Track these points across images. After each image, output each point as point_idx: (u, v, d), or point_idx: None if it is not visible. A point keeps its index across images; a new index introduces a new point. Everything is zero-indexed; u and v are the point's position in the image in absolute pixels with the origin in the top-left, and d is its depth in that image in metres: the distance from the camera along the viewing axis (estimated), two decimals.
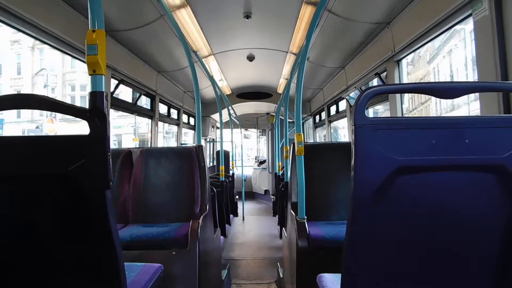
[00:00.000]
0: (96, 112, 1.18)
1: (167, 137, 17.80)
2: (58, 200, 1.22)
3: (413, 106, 18.39)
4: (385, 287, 1.21)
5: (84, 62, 1.33)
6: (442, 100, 1.12)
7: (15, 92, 1.22)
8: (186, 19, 3.78)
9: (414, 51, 3.30)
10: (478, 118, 1.09)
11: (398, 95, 3.58)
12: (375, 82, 4.54)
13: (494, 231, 1.13)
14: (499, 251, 1.15)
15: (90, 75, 1.25)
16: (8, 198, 1.22)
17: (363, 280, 1.18)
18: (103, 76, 1.26)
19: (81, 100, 27.92)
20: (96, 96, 1.22)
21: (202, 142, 3.68)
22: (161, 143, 15.35)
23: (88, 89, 1.26)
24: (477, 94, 2.29)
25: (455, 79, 15.39)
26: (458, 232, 1.15)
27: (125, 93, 5.55)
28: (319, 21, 3.29)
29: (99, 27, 1.27)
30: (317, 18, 2.63)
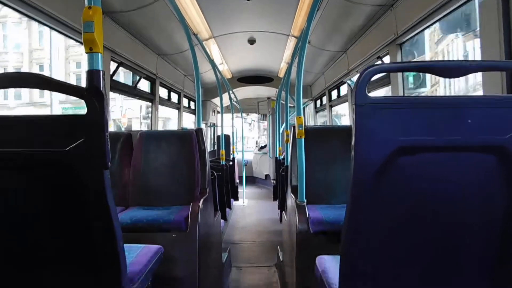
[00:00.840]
0: (93, 91, 1.16)
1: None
2: (56, 180, 1.22)
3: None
4: (383, 268, 1.21)
5: (81, 43, 1.32)
6: (452, 83, 1.10)
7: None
8: (186, 1, 3.73)
9: (417, 34, 3.25)
10: (481, 98, 1.08)
11: (400, 77, 3.55)
12: None
13: (495, 212, 1.13)
14: (500, 232, 1.14)
15: (86, 53, 1.22)
16: (4, 178, 1.22)
17: (362, 261, 1.19)
18: (100, 54, 1.23)
19: None
20: (93, 75, 1.20)
21: (203, 126, 3.67)
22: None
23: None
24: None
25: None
26: (459, 213, 1.14)
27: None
28: (320, 3, 3.24)
29: (96, 4, 1.24)
30: (318, 0, 2.58)
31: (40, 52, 25.89)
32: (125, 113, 24.85)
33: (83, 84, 1.18)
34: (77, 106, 22.66)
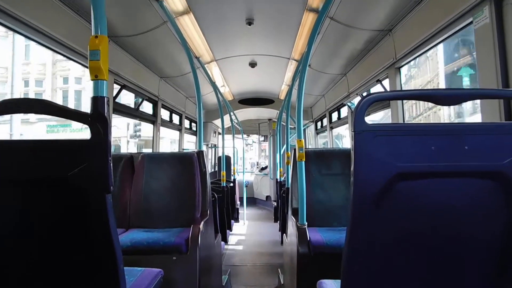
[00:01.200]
0: (97, 117, 1.19)
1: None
2: (59, 204, 1.23)
3: (419, 112, 18.23)
4: None
5: (86, 67, 1.35)
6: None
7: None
8: (189, 25, 3.81)
9: (415, 58, 3.31)
10: (478, 125, 1.10)
11: (399, 102, 3.59)
12: (377, 88, 4.55)
13: (493, 237, 1.13)
14: (498, 256, 1.15)
15: (92, 80, 1.26)
16: (9, 202, 1.23)
17: (363, 286, 1.18)
18: (105, 81, 1.27)
19: (36, 96, 23.51)
20: (97, 101, 1.23)
21: (204, 148, 3.69)
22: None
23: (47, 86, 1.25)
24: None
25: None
26: (459, 238, 1.15)
27: (125, 99, 5.54)
28: (320, 28, 3.31)
29: (102, 33, 1.28)
30: (318, 25, 2.64)
31: (25, 67, 24.44)
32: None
33: (70, 101, 1.21)
34: (63, 124, 22.36)
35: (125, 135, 23.87)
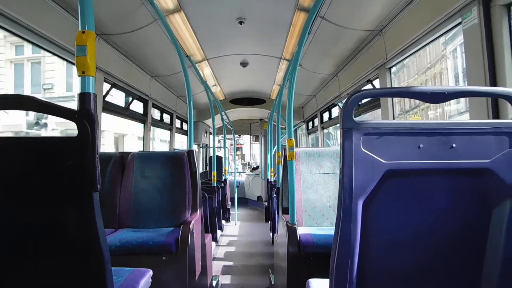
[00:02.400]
0: (84, 114, 1.17)
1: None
2: (45, 202, 1.21)
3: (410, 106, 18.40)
4: None
5: (73, 64, 1.33)
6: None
7: None
8: (179, 23, 3.79)
9: (405, 58, 3.34)
10: (465, 123, 1.10)
11: (389, 101, 3.61)
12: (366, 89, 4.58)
13: (482, 234, 1.14)
14: (486, 253, 1.15)
15: (79, 76, 1.24)
16: None
17: (351, 285, 1.18)
18: (92, 77, 1.25)
19: None
20: (84, 98, 1.21)
21: (195, 148, 3.67)
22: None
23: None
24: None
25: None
26: (447, 235, 1.15)
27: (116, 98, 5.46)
28: (311, 27, 3.32)
29: (89, 28, 1.26)
30: (309, 24, 2.64)
31: None
32: None
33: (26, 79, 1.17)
34: None
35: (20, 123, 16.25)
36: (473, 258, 1.17)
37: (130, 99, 4.85)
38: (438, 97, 1.09)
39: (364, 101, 4.30)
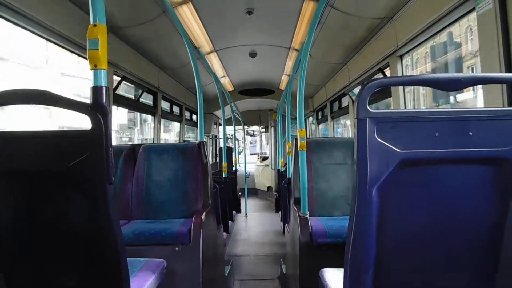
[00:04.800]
0: (97, 107, 1.18)
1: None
2: (60, 195, 1.23)
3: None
4: (388, 281, 1.21)
5: (85, 58, 1.34)
6: None
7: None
8: (188, 15, 3.77)
9: (417, 46, 3.29)
10: (482, 111, 1.08)
11: (401, 90, 3.57)
12: (377, 77, 4.53)
13: (498, 224, 1.13)
14: (502, 243, 1.14)
15: (91, 69, 1.25)
16: (10, 193, 1.23)
17: (366, 274, 1.18)
18: (104, 70, 1.26)
19: None
20: (97, 91, 1.22)
21: (205, 139, 3.69)
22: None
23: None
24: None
25: None
26: (463, 225, 1.14)
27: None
28: (321, 16, 3.28)
29: (100, 22, 1.27)
30: (319, 13, 2.62)
31: None
32: None
33: None
34: None
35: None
36: (490, 249, 1.16)
37: (140, 91, 4.87)
38: (454, 84, 1.07)
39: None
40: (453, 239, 1.16)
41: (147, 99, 5.24)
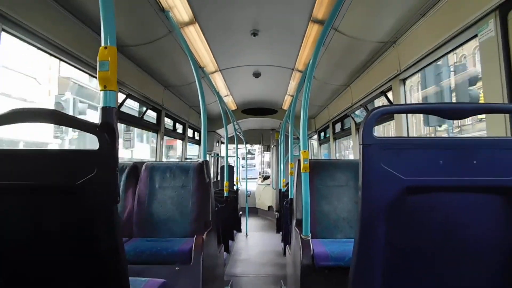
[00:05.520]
0: (106, 127, 1.19)
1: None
2: (66, 213, 1.23)
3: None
4: None
5: (94, 77, 1.37)
6: None
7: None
8: (194, 35, 3.83)
9: (419, 70, 3.32)
10: (485, 140, 1.09)
11: (403, 115, 3.59)
12: (380, 100, 4.56)
13: (503, 251, 1.12)
14: (507, 271, 1.13)
15: (101, 90, 1.27)
16: (17, 210, 1.23)
17: None
18: (114, 92, 1.27)
19: None
20: (106, 112, 1.24)
21: (207, 157, 3.69)
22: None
23: None
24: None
25: None
26: (468, 253, 1.14)
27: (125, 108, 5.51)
28: (325, 39, 3.33)
29: (111, 44, 1.29)
30: (324, 36, 2.66)
31: None
32: None
33: None
34: None
35: None
36: (497, 277, 1.15)
37: (144, 109, 4.90)
38: (458, 113, 1.09)
39: None
40: (461, 266, 1.15)
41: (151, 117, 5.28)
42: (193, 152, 9.16)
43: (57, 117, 1.21)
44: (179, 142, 7.10)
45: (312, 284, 2.47)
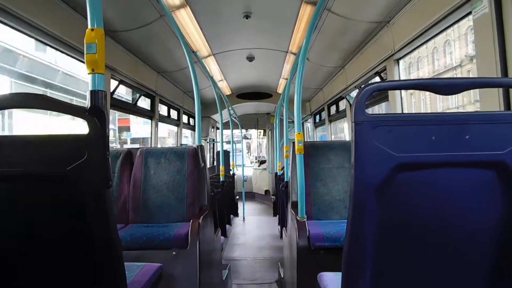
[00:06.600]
0: (95, 111, 1.17)
1: None
2: (57, 200, 1.22)
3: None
4: (386, 286, 1.20)
5: (83, 62, 1.34)
6: None
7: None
8: (185, 19, 3.78)
9: (414, 49, 3.30)
10: (478, 114, 1.08)
11: (398, 94, 3.58)
12: (374, 81, 4.54)
13: (494, 227, 1.13)
14: (499, 247, 1.14)
15: (89, 74, 1.25)
16: (6, 197, 1.22)
17: (364, 278, 1.18)
18: (102, 75, 1.25)
19: None
20: (95, 95, 1.22)
21: (202, 142, 3.68)
22: None
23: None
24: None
25: None
26: (460, 228, 1.14)
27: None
28: (318, 20, 3.29)
29: (98, 26, 1.27)
30: (316, 17, 2.62)
31: None
32: None
33: None
34: None
35: None
36: (489, 251, 1.16)
37: (138, 95, 4.87)
38: (452, 89, 1.07)
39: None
40: (452, 242, 1.16)
41: (144, 103, 5.24)
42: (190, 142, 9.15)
43: (44, 102, 1.19)
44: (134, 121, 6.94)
45: (309, 265, 2.49)
